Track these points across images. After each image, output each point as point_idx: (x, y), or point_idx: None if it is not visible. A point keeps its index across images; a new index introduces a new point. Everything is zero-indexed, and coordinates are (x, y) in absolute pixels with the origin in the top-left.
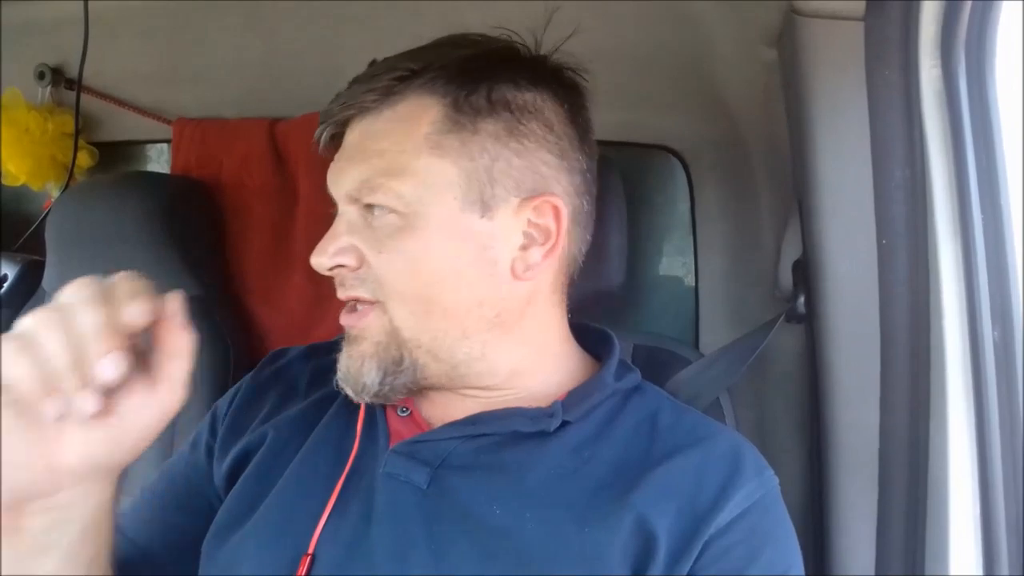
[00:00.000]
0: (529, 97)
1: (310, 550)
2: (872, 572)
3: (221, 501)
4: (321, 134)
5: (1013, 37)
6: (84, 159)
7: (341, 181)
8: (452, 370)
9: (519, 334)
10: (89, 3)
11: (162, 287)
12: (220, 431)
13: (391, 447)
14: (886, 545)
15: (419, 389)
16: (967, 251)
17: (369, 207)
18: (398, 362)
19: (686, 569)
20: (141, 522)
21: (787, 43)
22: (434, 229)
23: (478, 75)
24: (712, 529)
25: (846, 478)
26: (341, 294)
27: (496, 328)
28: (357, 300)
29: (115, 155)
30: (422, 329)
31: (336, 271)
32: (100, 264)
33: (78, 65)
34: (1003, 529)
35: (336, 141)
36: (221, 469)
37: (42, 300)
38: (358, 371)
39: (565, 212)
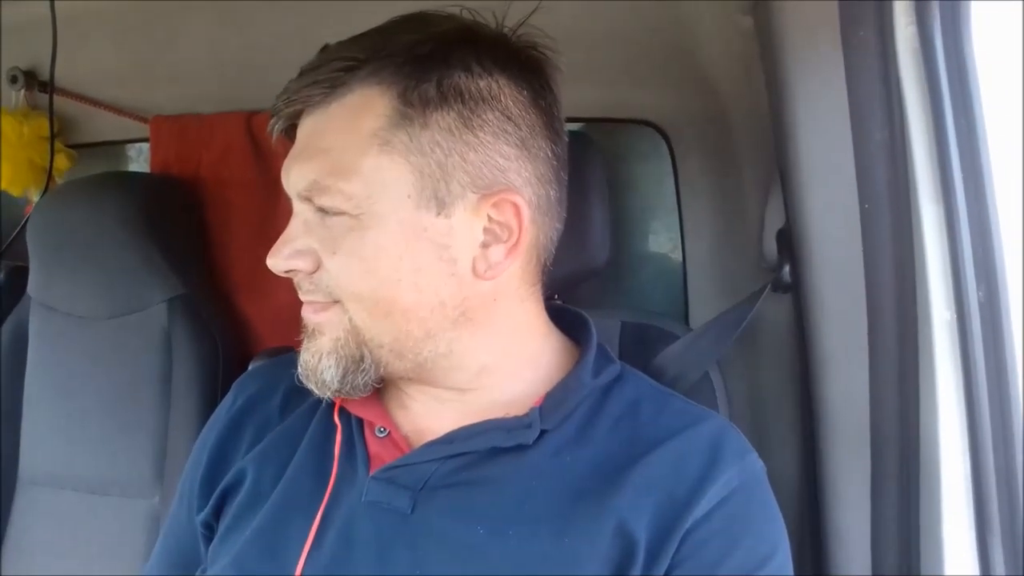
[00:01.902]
0: (484, 84)
1: None
2: (867, 542)
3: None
4: (272, 128)
5: None
6: (63, 162)
7: (292, 180)
8: (418, 367)
9: (487, 330)
10: (58, 4)
11: (147, 287)
12: (199, 478)
13: (371, 474)
14: (881, 515)
15: (388, 382)
16: (949, 211)
17: (322, 207)
18: (358, 360)
19: (665, 565)
20: None
21: (762, 9)
22: (388, 229)
23: (428, 62)
24: (689, 522)
25: (838, 446)
26: (300, 296)
27: (462, 326)
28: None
29: (95, 156)
30: (383, 330)
31: (291, 274)
32: (84, 267)
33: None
34: (994, 494)
35: (292, 132)
36: (202, 515)
37: (27, 306)
38: (316, 367)
39: (526, 209)
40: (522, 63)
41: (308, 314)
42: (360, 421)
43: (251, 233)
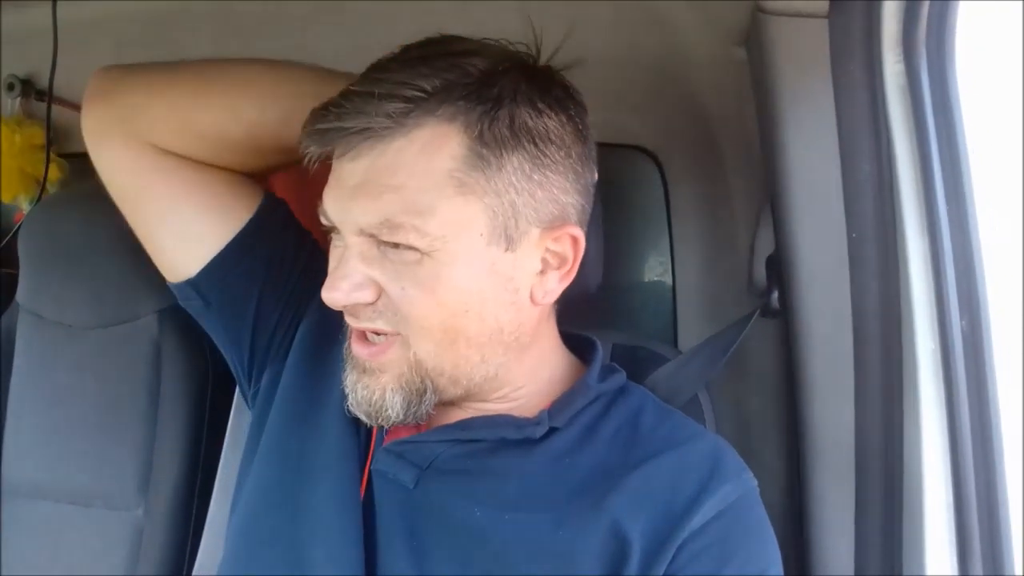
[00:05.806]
0: (550, 124)
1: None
2: (851, 567)
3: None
4: (311, 155)
5: (971, 31)
6: (53, 171)
7: (352, 215)
8: (466, 392)
9: (528, 351)
10: (59, 13)
11: (137, 298)
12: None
13: (384, 445)
14: (864, 539)
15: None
16: (934, 242)
17: (390, 243)
18: (421, 392)
19: (661, 572)
20: None
21: (754, 42)
22: (459, 264)
23: (497, 99)
24: (686, 533)
25: (823, 471)
26: (354, 324)
27: (511, 351)
28: (375, 332)
29: (88, 167)
30: (445, 359)
31: (348, 308)
32: (74, 276)
33: (48, 76)
34: (975, 520)
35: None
36: (261, 342)
37: (15, 313)
38: (380, 402)
39: (582, 240)
40: (575, 101)
41: (370, 354)
42: None
43: None
